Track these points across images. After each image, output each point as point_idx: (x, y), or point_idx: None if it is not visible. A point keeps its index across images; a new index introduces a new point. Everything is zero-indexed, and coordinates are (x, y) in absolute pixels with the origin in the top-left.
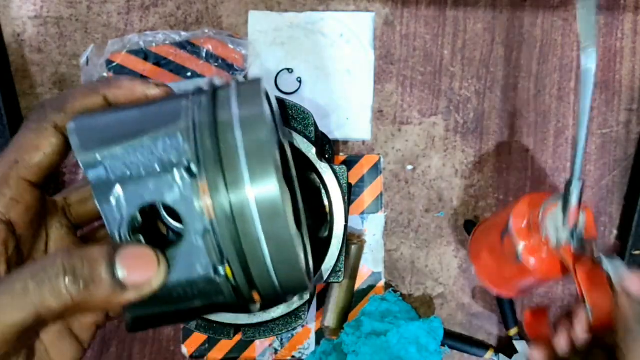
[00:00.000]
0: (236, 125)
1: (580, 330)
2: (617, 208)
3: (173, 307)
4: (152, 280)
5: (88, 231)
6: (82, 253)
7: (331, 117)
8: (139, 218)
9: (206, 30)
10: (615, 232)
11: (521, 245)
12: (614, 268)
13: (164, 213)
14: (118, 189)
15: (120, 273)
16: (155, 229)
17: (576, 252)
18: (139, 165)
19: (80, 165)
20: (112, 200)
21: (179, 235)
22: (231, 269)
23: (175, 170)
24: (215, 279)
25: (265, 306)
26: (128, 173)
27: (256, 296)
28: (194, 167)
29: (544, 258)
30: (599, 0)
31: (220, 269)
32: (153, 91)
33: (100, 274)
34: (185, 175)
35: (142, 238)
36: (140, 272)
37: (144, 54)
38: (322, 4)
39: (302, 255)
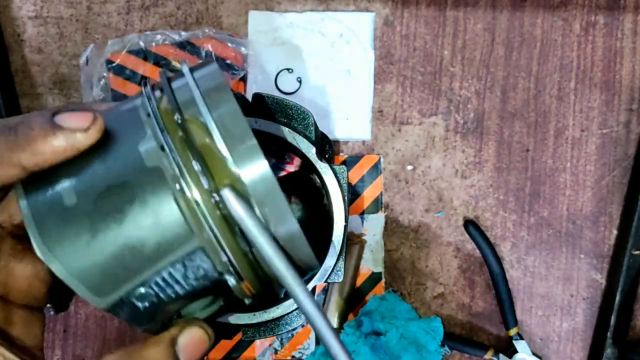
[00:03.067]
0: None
1: None
2: (617, 208)
3: None
4: (205, 352)
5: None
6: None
7: (331, 117)
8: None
9: (206, 30)
10: (615, 232)
11: None
12: None
13: None
14: (159, 313)
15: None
16: None
17: None
18: (169, 289)
19: (104, 310)
20: (156, 317)
21: None
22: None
23: (212, 277)
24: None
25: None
26: (163, 296)
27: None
28: (230, 271)
29: None
30: None
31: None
32: (83, 142)
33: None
34: (225, 277)
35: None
36: (197, 353)
37: (144, 54)
38: (322, 4)
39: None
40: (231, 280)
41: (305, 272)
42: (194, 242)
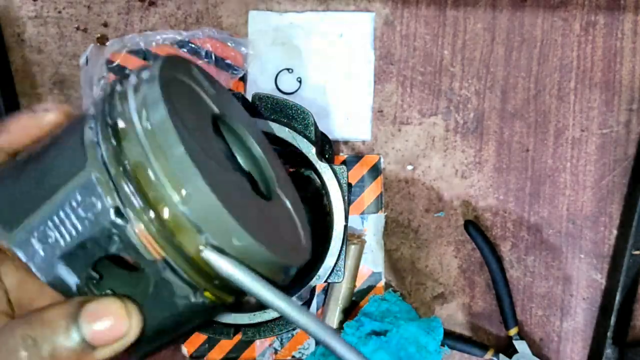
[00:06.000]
0: (148, 152)
1: None
2: (617, 208)
3: (170, 336)
4: (124, 333)
5: None
6: (41, 317)
7: (331, 117)
8: (93, 274)
9: (206, 30)
10: (615, 232)
11: None
12: None
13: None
14: (60, 263)
15: (87, 333)
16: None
17: None
18: (68, 226)
19: (10, 249)
20: (61, 272)
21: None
22: (210, 292)
23: (105, 219)
24: (200, 303)
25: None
26: (61, 240)
27: (246, 298)
28: (121, 209)
29: None
30: None
31: (199, 295)
32: (47, 119)
33: (62, 339)
34: (118, 220)
35: (107, 287)
36: (109, 329)
37: (144, 54)
38: (322, 4)
39: (275, 251)
40: (125, 227)
41: (282, 278)
42: (86, 173)
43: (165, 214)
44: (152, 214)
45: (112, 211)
